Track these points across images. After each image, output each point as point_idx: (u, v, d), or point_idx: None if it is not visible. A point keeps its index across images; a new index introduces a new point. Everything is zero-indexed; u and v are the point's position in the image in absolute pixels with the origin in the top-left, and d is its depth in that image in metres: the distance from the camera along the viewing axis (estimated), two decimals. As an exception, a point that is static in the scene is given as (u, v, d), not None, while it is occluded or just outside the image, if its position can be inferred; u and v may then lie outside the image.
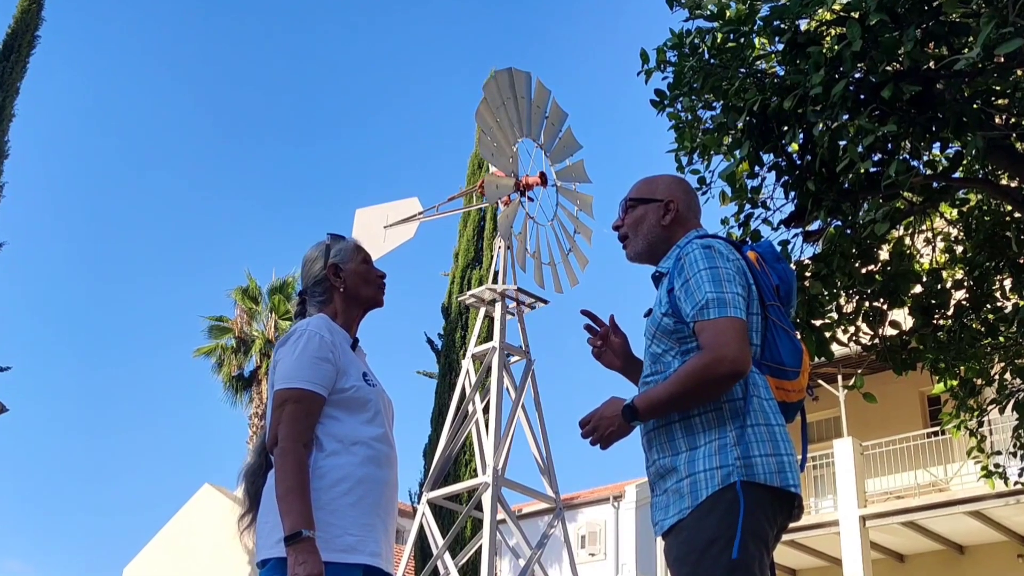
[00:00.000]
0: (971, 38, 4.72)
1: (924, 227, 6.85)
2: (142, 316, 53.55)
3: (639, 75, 5.73)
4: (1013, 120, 5.40)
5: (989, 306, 6.51)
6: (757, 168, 5.62)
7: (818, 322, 6.00)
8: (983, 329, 6.47)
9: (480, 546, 14.55)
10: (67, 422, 54.05)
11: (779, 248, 5.62)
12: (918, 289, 6.39)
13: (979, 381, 6.96)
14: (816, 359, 5.94)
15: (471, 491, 15.65)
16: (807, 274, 5.83)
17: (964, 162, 5.81)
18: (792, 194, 5.61)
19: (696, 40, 5.53)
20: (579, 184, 16.54)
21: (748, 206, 5.88)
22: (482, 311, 16.22)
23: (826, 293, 5.87)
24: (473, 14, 61.81)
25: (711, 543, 2.50)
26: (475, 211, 21.07)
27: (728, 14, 5.40)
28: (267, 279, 28.14)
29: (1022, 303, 6.39)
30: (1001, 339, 6.54)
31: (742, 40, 5.43)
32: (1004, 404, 7.08)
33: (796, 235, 5.92)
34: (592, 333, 3.03)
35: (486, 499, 14.48)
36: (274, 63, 57.93)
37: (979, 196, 6.64)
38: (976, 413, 7.35)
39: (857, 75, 4.98)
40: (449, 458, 15.74)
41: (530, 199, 15.80)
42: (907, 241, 6.60)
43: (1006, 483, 7.89)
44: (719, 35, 5.47)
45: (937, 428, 15.66)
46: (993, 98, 5.18)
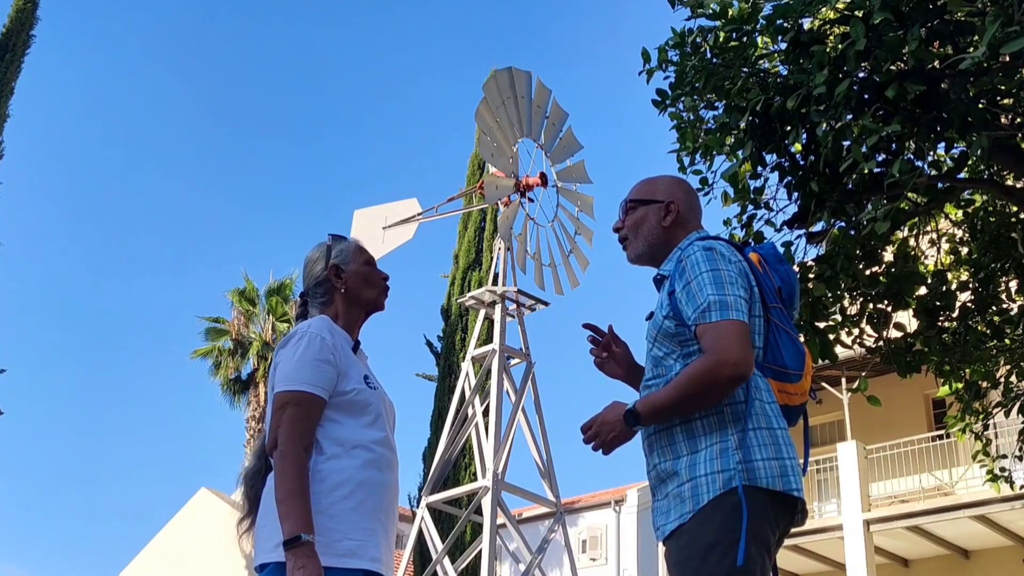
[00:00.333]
0: (976, 37, 4.72)
1: (929, 228, 6.85)
2: (139, 317, 53.63)
3: (640, 74, 5.74)
4: (1019, 120, 5.40)
5: (995, 308, 6.51)
6: (760, 169, 5.62)
7: (822, 324, 6.00)
8: (988, 331, 6.47)
9: (480, 551, 14.55)
10: (62, 425, 54.11)
11: (782, 250, 5.62)
12: (923, 291, 6.39)
13: (984, 384, 6.96)
14: (820, 361, 5.95)
15: (471, 495, 15.65)
16: (810, 276, 5.83)
17: (969, 162, 5.81)
18: (795, 195, 5.62)
19: (698, 39, 5.53)
20: (580, 185, 16.55)
21: (751, 207, 5.88)
22: (482, 313, 16.22)
23: (830, 295, 5.87)
24: (473, 13, 61.92)
25: (712, 548, 2.49)
26: (476, 212, 21.08)
27: (730, 13, 5.40)
28: (264, 280, 28.19)
29: (1028, 305, 6.40)
30: (1007, 341, 6.54)
31: (745, 39, 5.43)
32: (1010, 407, 7.08)
33: (799, 236, 5.93)
34: (595, 344, 3.04)
35: (486, 503, 14.47)
36: (272, 62, 58.01)
37: (984, 197, 6.64)
38: (981, 416, 7.34)
39: (861, 74, 4.98)
40: (448, 462, 15.74)
41: (530, 200, 15.81)
42: (912, 242, 6.61)
43: (1012, 487, 7.89)
44: (721, 34, 5.48)
45: (942, 431, 15.67)
46: (998, 98, 5.18)
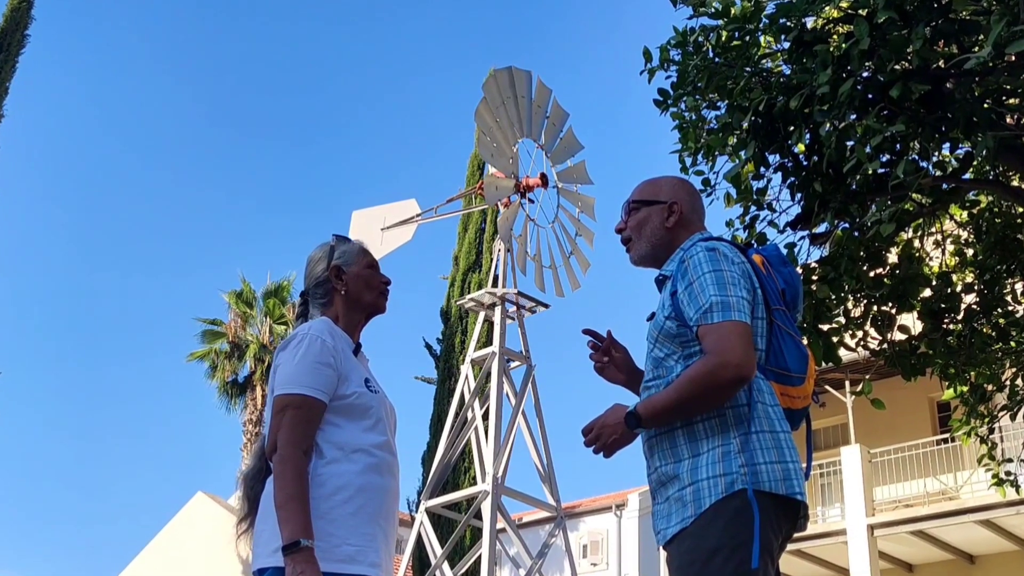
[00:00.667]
0: (981, 36, 4.73)
1: (933, 229, 6.85)
2: (135, 319, 53.58)
3: (642, 74, 5.75)
4: (1024, 120, 5.41)
5: (1000, 310, 6.51)
6: (763, 169, 5.62)
7: (825, 327, 6.00)
8: (994, 334, 6.47)
9: (479, 556, 14.54)
10: (57, 427, 54.06)
11: (785, 251, 5.63)
12: (927, 293, 6.39)
13: (990, 387, 6.96)
14: (823, 364, 5.94)
15: (470, 499, 15.65)
16: (814, 277, 5.83)
17: (974, 163, 5.82)
18: (798, 196, 5.62)
19: (700, 38, 5.53)
20: (581, 185, 16.55)
21: (753, 208, 5.88)
22: (481, 315, 16.21)
23: (833, 297, 5.87)
24: (472, 12, 61.95)
25: (715, 552, 2.49)
26: (476, 213, 21.08)
27: (733, 12, 5.41)
28: (262, 282, 28.22)
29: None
30: (1012, 344, 6.54)
31: (747, 38, 5.44)
32: (1016, 410, 7.08)
33: (803, 238, 5.93)
34: (595, 349, 3.04)
35: (486, 507, 14.47)
36: (270, 62, 58.04)
37: (990, 198, 6.64)
38: (987, 420, 7.34)
39: (865, 74, 4.98)
40: (448, 466, 15.73)
41: (531, 201, 15.81)
42: (916, 244, 6.61)
43: (1017, 491, 7.88)
44: (724, 33, 5.48)
45: (947, 435, 15.65)
46: (1004, 97, 5.18)
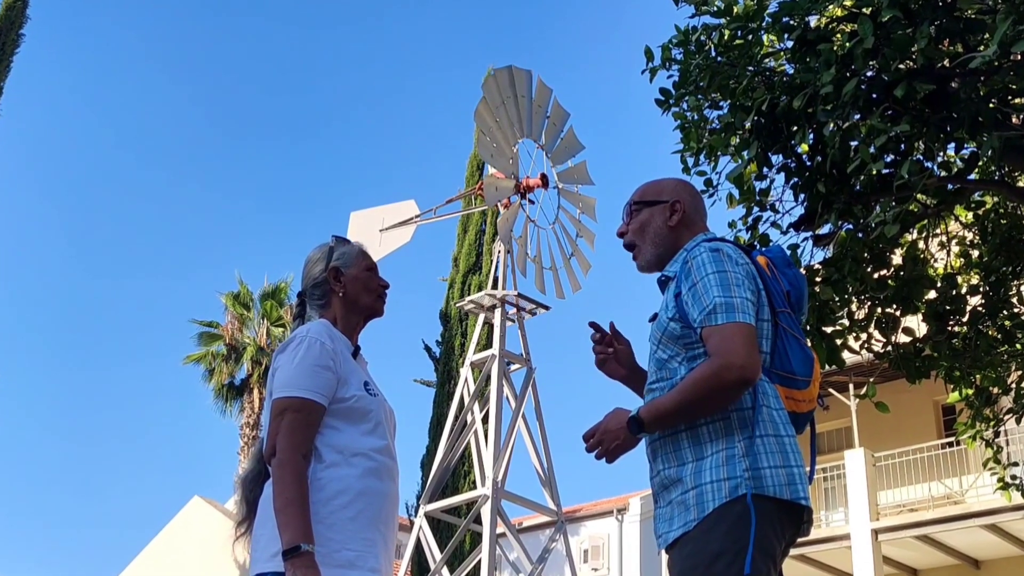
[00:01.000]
0: (987, 35, 4.73)
1: (938, 231, 6.85)
2: (130, 320, 53.51)
3: (643, 73, 5.75)
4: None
5: (1006, 312, 6.50)
6: (765, 169, 5.62)
7: (829, 329, 6.00)
8: (999, 336, 6.47)
9: (479, 561, 14.53)
10: (51, 430, 53.98)
11: (788, 253, 5.62)
12: (932, 295, 6.39)
13: (995, 390, 6.95)
14: (827, 367, 5.94)
15: (470, 504, 15.65)
16: (817, 279, 5.83)
17: (980, 163, 5.82)
18: (802, 196, 5.62)
19: (702, 37, 5.53)
20: (581, 186, 16.55)
21: (756, 209, 5.88)
22: (481, 317, 16.21)
23: (837, 299, 5.87)
24: (471, 10, 61.95)
25: (717, 557, 2.49)
26: (475, 214, 21.09)
27: (735, 10, 5.41)
28: (259, 284, 28.24)
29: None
30: (1018, 346, 6.54)
31: (750, 37, 5.44)
32: (1021, 413, 7.08)
33: (806, 239, 5.93)
34: (596, 342, 3.03)
35: (485, 512, 14.47)
36: (268, 61, 58.03)
37: (995, 198, 6.64)
38: (992, 423, 7.34)
39: (869, 73, 4.99)
40: (447, 469, 15.73)
41: (531, 202, 15.81)
42: (921, 245, 6.61)
43: (1023, 495, 7.88)
44: (726, 32, 5.48)
45: (952, 439, 15.65)
46: (1010, 97, 5.19)
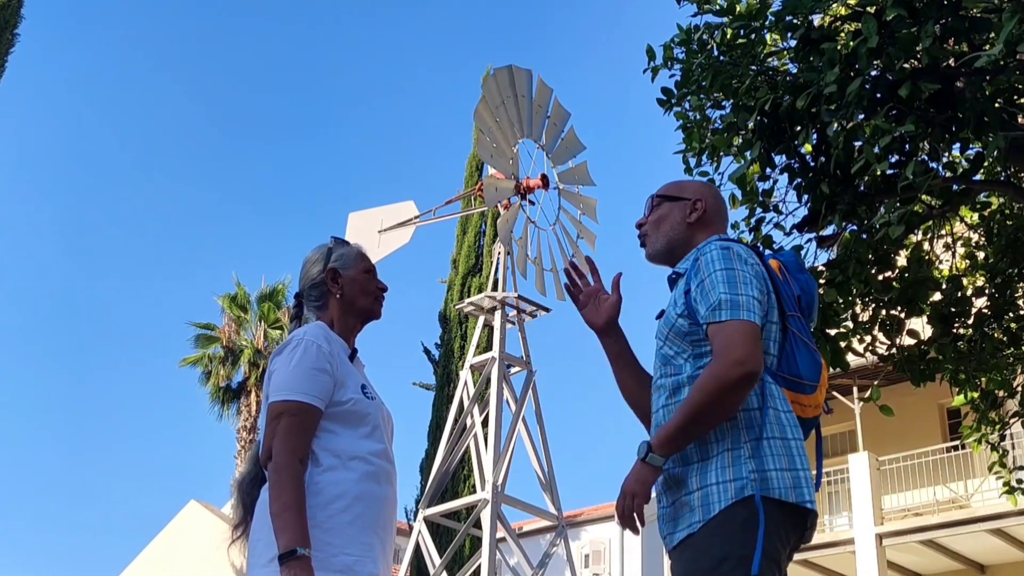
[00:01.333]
0: (992, 34, 4.73)
1: (943, 232, 6.85)
2: (125, 322, 53.48)
3: (645, 73, 5.75)
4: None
5: (1011, 314, 6.50)
6: (769, 170, 5.62)
7: (833, 331, 6.00)
8: (1005, 338, 6.47)
9: (479, 565, 14.53)
10: (45, 434, 53.94)
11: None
12: (937, 297, 6.38)
13: (1001, 393, 6.95)
14: (831, 370, 5.93)
15: (470, 508, 15.64)
16: (821, 281, 5.83)
17: (985, 164, 5.82)
18: (805, 197, 5.62)
19: (705, 36, 5.54)
20: (582, 187, 16.56)
21: (759, 210, 5.88)
22: (481, 320, 16.21)
23: (841, 301, 5.87)
24: (470, 9, 61.96)
25: (721, 562, 2.48)
26: (476, 215, 21.10)
27: (738, 9, 5.41)
28: (256, 286, 28.23)
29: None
30: (1024, 349, 6.54)
31: (753, 36, 5.44)
32: (1027, 417, 7.07)
33: (809, 240, 5.93)
34: (573, 278, 3.09)
35: (485, 516, 14.46)
36: (265, 60, 58.03)
37: (1001, 199, 6.64)
38: (998, 426, 7.34)
39: (873, 73, 4.99)
40: (447, 473, 15.73)
41: (531, 202, 15.81)
42: (926, 247, 6.60)
43: (1029, 499, 7.87)
44: (729, 31, 5.48)
45: (957, 442, 15.65)
46: (1015, 97, 5.19)
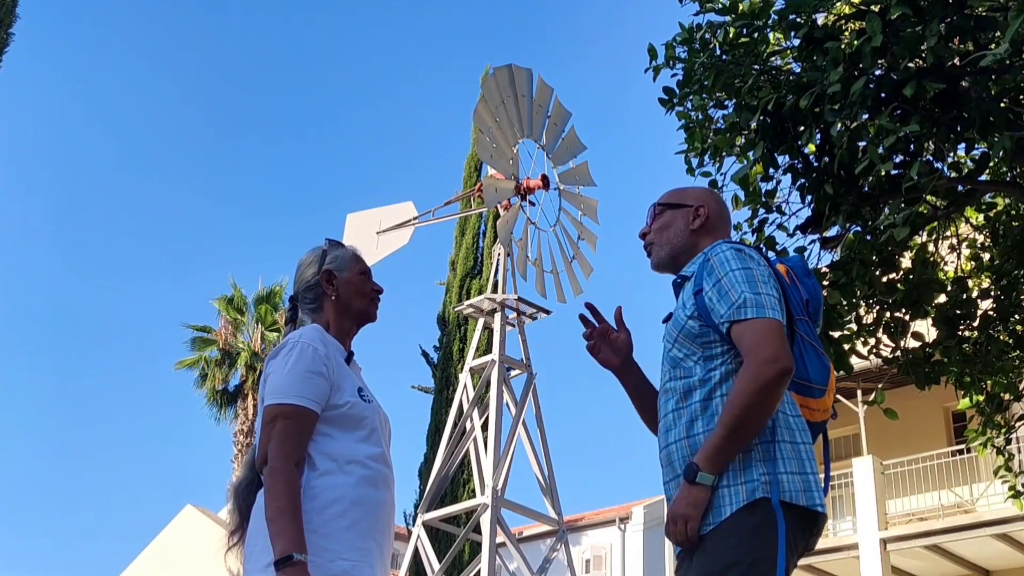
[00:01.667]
0: (998, 33, 4.72)
1: (948, 233, 6.83)
2: (120, 325, 53.50)
3: (647, 72, 5.74)
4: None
5: (1017, 316, 6.49)
6: (772, 170, 5.61)
7: (836, 334, 5.99)
8: (1011, 341, 6.46)
9: (478, 571, 14.52)
10: (39, 439, 53.94)
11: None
12: (942, 299, 6.38)
13: (1007, 396, 6.94)
14: (835, 373, 5.92)
15: (469, 512, 15.64)
16: (824, 283, 5.82)
17: (991, 164, 5.81)
18: (808, 198, 5.61)
19: (707, 35, 5.53)
20: (583, 187, 16.57)
21: (762, 211, 5.87)
22: (480, 322, 16.21)
23: (845, 303, 5.86)
24: (469, 7, 61.99)
25: (731, 566, 2.49)
26: (475, 216, 21.10)
27: (741, 7, 5.41)
28: (253, 288, 28.22)
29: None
30: (1030, 351, 6.53)
31: (756, 35, 5.43)
32: (1033, 420, 7.07)
33: (813, 241, 5.92)
34: (586, 326, 3.04)
35: (485, 521, 14.46)
36: (262, 60, 58.07)
37: (1007, 200, 6.63)
38: (1004, 430, 7.32)
39: (877, 72, 4.98)
40: (446, 478, 15.72)
41: (531, 203, 15.82)
42: (930, 248, 6.59)
43: (1035, 504, 7.86)
44: (731, 30, 5.48)
45: (962, 446, 15.65)
46: (1021, 96, 5.18)
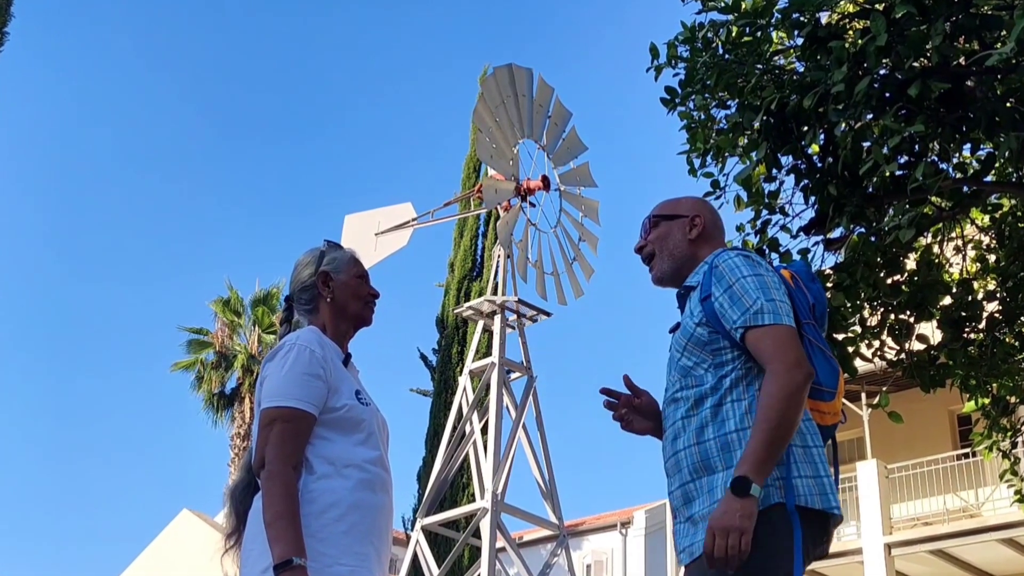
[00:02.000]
0: (1004, 32, 4.73)
1: (954, 234, 6.84)
2: (115, 327, 53.41)
3: (648, 71, 5.74)
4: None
5: (1023, 319, 6.50)
6: (775, 171, 5.61)
7: (840, 336, 5.99)
8: (1017, 343, 6.46)
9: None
10: (32, 442, 53.88)
11: (797, 257, 5.63)
12: (947, 301, 6.38)
13: (1013, 399, 6.94)
14: (839, 376, 5.92)
15: (469, 517, 15.64)
16: (828, 284, 5.82)
17: (996, 165, 5.81)
18: (812, 199, 5.61)
19: (709, 34, 5.53)
20: (584, 188, 16.57)
21: (765, 212, 5.87)
22: (480, 324, 16.22)
23: (849, 305, 5.86)
24: (469, 6, 61.99)
25: (745, 571, 2.49)
26: (473, 217, 21.10)
27: (744, 6, 5.41)
28: (250, 290, 28.20)
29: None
30: (1036, 354, 6.53)
31: (759, 34, 5.43)
32: (1039, 424, 7.07)
33: (816, 243, 5.92)
34: (611, 408, 2.98)
35: (485, 525, 14.46)
36: (260, 60, 58.04)
37: (1013, 201, 6.63)
38: (1009, 433, 7.32)
39: (882, 72, 4.98)
40: (445, 482, 15.72)
41: (532, 204, 15.83)
42: (935, 249, 6.60)
43: (1041, 508, 7.86)
44: (734, 28, 5.48)
45: (968, 450, 15.65)
46: (1027, 96, 5.18)
